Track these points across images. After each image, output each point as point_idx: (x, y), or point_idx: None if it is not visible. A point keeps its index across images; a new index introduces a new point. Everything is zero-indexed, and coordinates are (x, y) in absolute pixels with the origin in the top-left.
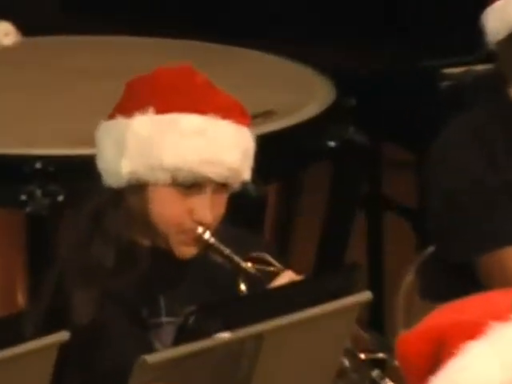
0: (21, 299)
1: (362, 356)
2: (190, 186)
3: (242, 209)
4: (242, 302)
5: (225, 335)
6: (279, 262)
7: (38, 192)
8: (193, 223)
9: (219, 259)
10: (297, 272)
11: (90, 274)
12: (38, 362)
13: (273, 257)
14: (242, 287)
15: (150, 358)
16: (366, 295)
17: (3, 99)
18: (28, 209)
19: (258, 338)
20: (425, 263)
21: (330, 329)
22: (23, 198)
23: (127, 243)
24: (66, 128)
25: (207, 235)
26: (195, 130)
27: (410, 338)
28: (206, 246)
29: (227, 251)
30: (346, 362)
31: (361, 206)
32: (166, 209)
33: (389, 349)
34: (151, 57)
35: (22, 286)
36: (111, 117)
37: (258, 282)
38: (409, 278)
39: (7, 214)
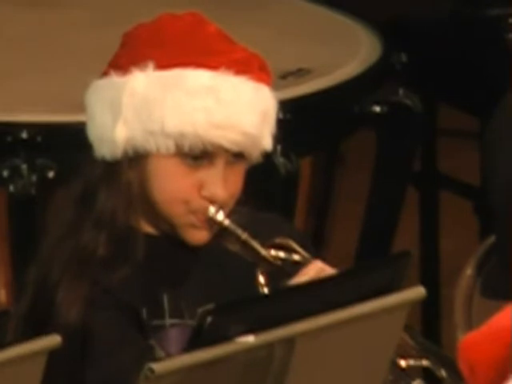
0: (3, 297)
1: (402, 363)
2: (199, 156)
3: (269, 188)
4: (268, 299)
5: (248, 339)
6: (308, 251)
7: (24, 167)
8: (203, 201)
9: (236, 247)
10: (335, 263)
11: (78, 266)
12: (22, 373)
13: (302, 245)
14: (261, 280)
15: (158, 368)
16: (417, 291)
17: None
18: (12, 187)
19: (289, 342)
20: (488, 254)
21: (374, 332)
22: (5, 174)
23: (123, 228)
24: (57, 89)
25: (220, 216)
26: (204, 87)
27: (475, 341)
28: (220, 230)
29: (244, 236)
30: None
31: (412, 184)
32: (170, 184)
33: (435, 355)
34: (154, 2)
35: (5, 281)
36: (105, 74)
37: (279, 273)
38: (469, 271)
39: None
